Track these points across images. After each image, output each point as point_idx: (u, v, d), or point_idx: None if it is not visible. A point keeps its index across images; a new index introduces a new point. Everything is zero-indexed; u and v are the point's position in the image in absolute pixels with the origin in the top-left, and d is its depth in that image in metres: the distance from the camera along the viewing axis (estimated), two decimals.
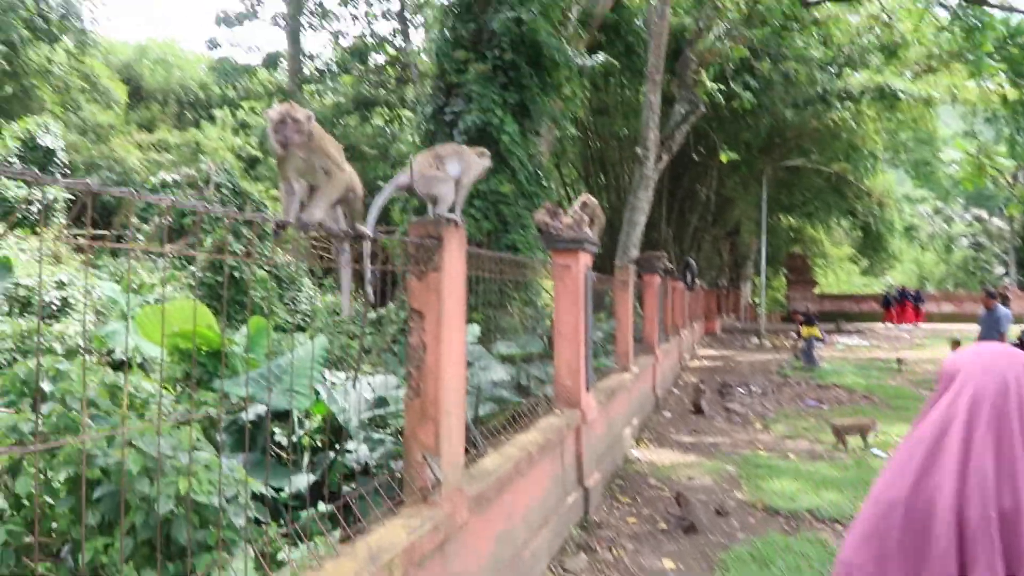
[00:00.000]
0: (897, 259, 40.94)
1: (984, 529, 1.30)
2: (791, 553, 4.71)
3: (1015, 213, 35.60)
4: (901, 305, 32.57)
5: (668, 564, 4.61)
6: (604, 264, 12.17)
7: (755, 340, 22.98)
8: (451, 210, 3.26)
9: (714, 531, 5.23)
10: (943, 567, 1.32)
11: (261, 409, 5.06)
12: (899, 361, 15.33)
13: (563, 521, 4.85)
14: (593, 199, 6.16)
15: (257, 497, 3.87)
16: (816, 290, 35.19)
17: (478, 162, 3.39)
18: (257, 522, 3.74)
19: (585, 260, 5.78)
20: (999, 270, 43.00)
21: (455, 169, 3.24)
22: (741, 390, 12.21)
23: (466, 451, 3.92)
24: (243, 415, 5.02)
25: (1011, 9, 17.62)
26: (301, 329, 11.65)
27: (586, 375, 5.67)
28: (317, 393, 5.03)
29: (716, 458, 7.49)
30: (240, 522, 3.32)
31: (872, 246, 34.55)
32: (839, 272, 45.65)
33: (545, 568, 4.34)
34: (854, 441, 7.93)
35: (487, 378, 5.70)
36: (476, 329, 5.63)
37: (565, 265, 5.65)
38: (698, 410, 10.10)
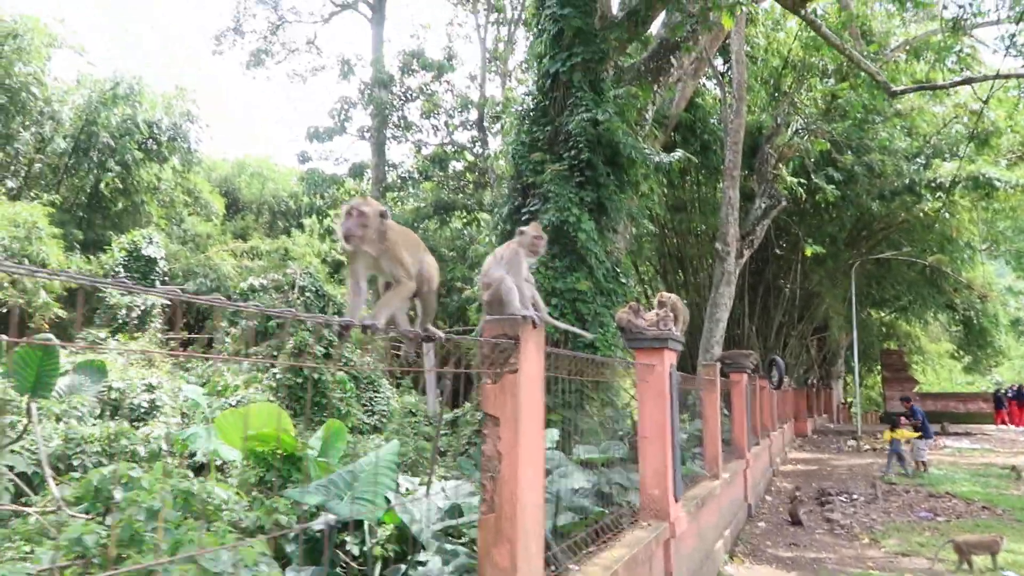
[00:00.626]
0: (1004, 355, 38.26)
1: None
2: None
3: None
4: (1019, 404, 30.09)
5: None
6: (685, 363, 11.71)
7: (852, 442, 21.50)
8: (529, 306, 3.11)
9: None
10: None
11: (332, 518, 4.88)
12: (1014, 468, 13.94)
13: None
14: (672, 295, 5.92)
15: None
16: (916, 388, 33.05)
17: (518, 247, 3.26)
18: None
19: (670, 358, 5.49)
20: None
21: (499, 272, 3.12)
22: (842, 498, 11.24)
23: (545, 565, 3.60)
24: (313, 525, 4.85)
25: None
26: (377, 430, 11.57)
27: (674, 483, 5.27)
28: (388, 500, 4.82)
29: None
30: None
31: (975, 342, 32.47)
32: (939, 369, 42.93)
33: None
34: (981, 561, 7.05)
35: (566, 486, 5.36)
36: (555, 433, 5.36)
37: (649, 364, 5.37)
38: (796, 521, 9.29)
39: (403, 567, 4.77)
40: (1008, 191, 21.20)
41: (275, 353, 12.58)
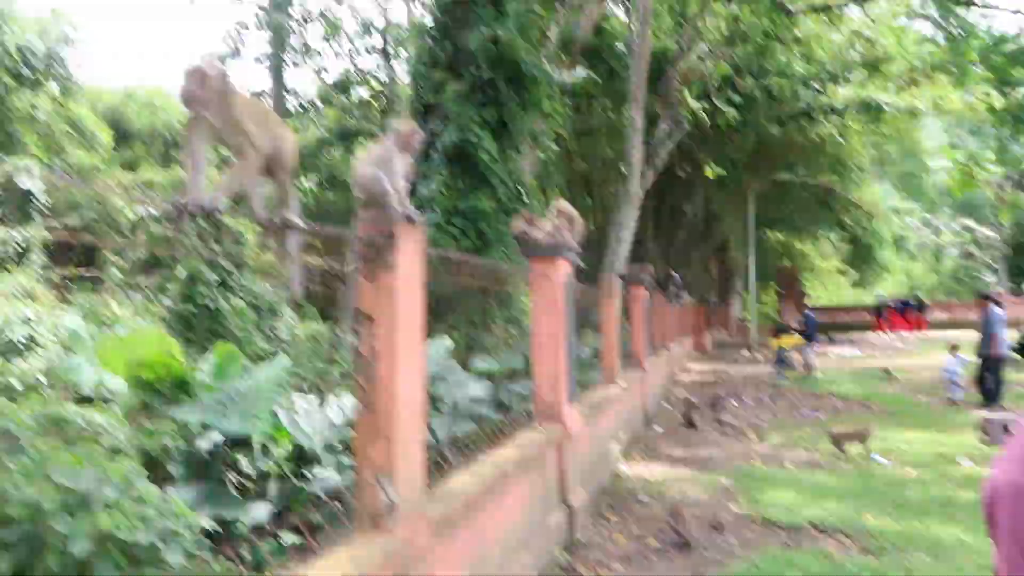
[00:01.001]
0: (887, 270, 40.89)
1: None
2: (794, 568, 4.39)
3: (1006, 219, 35.72)
4: (903, 314, 32.51)
5: None
6: (590, 283, 11.92)
7: (746, 353, 22.75)
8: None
9: (709, 548, 4.90)
10: None
11: (220, 437, 4.75)
12: (886, 371, 15.08)
13: (546, 543, 4.53)
14: (568, 205, 5.91)
15: (213, 532, 3.57)
16: (808, 303, 35.08)
17: (391, 144, 3.10)
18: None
19: (564, 268, 5.52)
20: (989, 278, 43.03)
21: (371, 169, 2.98)
22: (734, 402, 11.91)
23: (434, 471, 3.62)
24: (198, 443, 4.72)
25: (995, 7, 17.65)
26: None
27: (568, 387, 5.37)
28: (277, 417, 4.71)
29: (710, 471, 7.17)
30: (177, 559, 3.01)
31: (862, 258, 34.48)
32: (829, 285, 45.61)
33: None
34: (853, 448, 7.63)
35: (463, 395, 5.39)
36: (447, 342, 5.34)
37: (544, 273, 5.38)
38: (690, 424, 9.77)
39: (297, 482, 4.73)
40: (895, 115, 22.24)
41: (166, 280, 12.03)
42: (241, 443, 5.10)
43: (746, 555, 4.71)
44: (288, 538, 4.01)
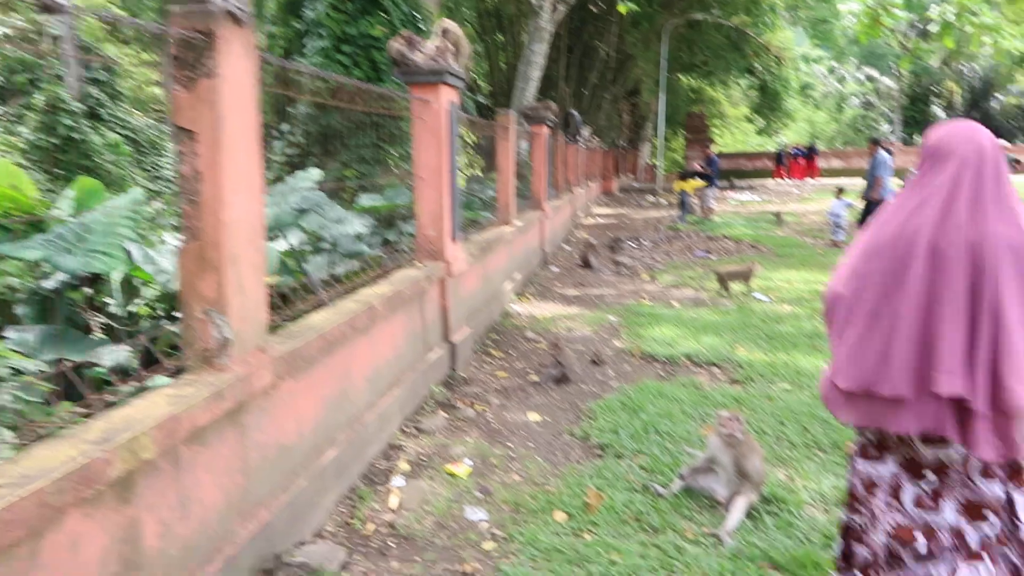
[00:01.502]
0: (791, 118, 41.62)
1: (955, 256, 1.63)
2: (663, 398, 4.53)
3: (906, 67, 36.44)
4: (808, 160, 33.39)
5: (533, 417, 4.34)
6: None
7: (651, 198, 23.09)
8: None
9: (587, 381, 5.00)
10: (915, 286, 1.65)
11: (70, 277, 4.37)
12: (777, 215, 15.63)
13: (423, 380, 4.48)
14: (455, 25, 5.40)
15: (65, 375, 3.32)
16: (714, 149, 35.64)
17: None
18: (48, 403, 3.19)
19: (448, 95, 5.13)
20: (885, 127, 44.53)
21: None
22: (632, 244, 12.09)
23: (299, 308, 3.41)
24: (45, 283, 4.34)
25: None
26: (160, 195, 10.60)
27: (452, 224, 5.16)
28: (129, 254, 4.34)
29: (599, 309, 7.28)
30: None
31: (769, 105, 34.79)
32: (736, 132, 46.29)
33: (396, 430, 3.97)
34: (737, 286, 7.90)
35: (343, 231, 5.11)
36: (315, 173, 4.96)
37: (424, 100, 4.99)
38: (586, 264, 9.88)
39: (166, 323, 4.47)
40: None
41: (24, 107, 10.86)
42: (93, 282, 4.74)
43: (621, 386, 4.83)
44: (161, 381, 3.83)
